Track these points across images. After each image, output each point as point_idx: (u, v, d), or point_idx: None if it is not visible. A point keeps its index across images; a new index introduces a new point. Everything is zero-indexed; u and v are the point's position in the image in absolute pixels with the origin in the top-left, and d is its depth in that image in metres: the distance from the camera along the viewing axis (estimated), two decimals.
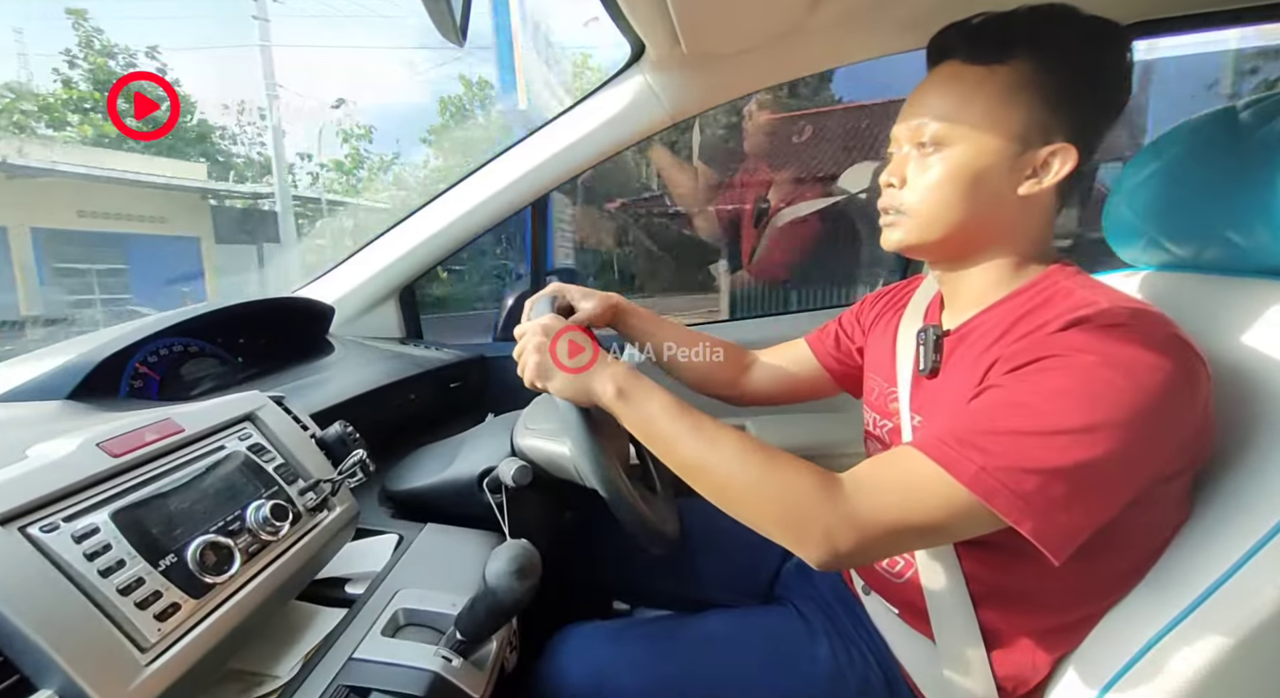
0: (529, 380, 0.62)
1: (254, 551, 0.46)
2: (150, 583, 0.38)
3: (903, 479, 0.48)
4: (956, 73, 0.55)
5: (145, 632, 0.37)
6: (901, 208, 0.58)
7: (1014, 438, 0.45)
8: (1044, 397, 0.45)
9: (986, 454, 0.44)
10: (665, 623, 0.73)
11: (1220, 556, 0.49)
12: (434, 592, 0.59)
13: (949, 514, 0.46)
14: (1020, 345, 0.50)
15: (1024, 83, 0.53)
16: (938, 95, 0.56)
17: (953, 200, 0.55)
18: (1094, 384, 0.44)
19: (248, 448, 0.53)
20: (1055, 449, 0.43)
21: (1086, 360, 0.45)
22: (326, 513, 0.56)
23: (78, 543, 0.37)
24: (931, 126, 0.55)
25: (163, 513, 0.42)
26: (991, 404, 0.48)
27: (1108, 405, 0.43)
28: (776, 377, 0.86)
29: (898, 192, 0.58)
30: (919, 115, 0.56)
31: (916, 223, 0.57)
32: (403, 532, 0.72)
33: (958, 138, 0.54)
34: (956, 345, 0.60)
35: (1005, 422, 0.46)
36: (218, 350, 0.90)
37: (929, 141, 0.55)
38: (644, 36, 0.85)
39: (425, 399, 1.01)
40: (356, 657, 0.50)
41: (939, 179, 0.55)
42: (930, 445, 0.47)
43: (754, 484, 0.50)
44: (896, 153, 0.59)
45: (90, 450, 0.41)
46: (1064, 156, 0.53)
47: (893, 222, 0.59)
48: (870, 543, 0.47)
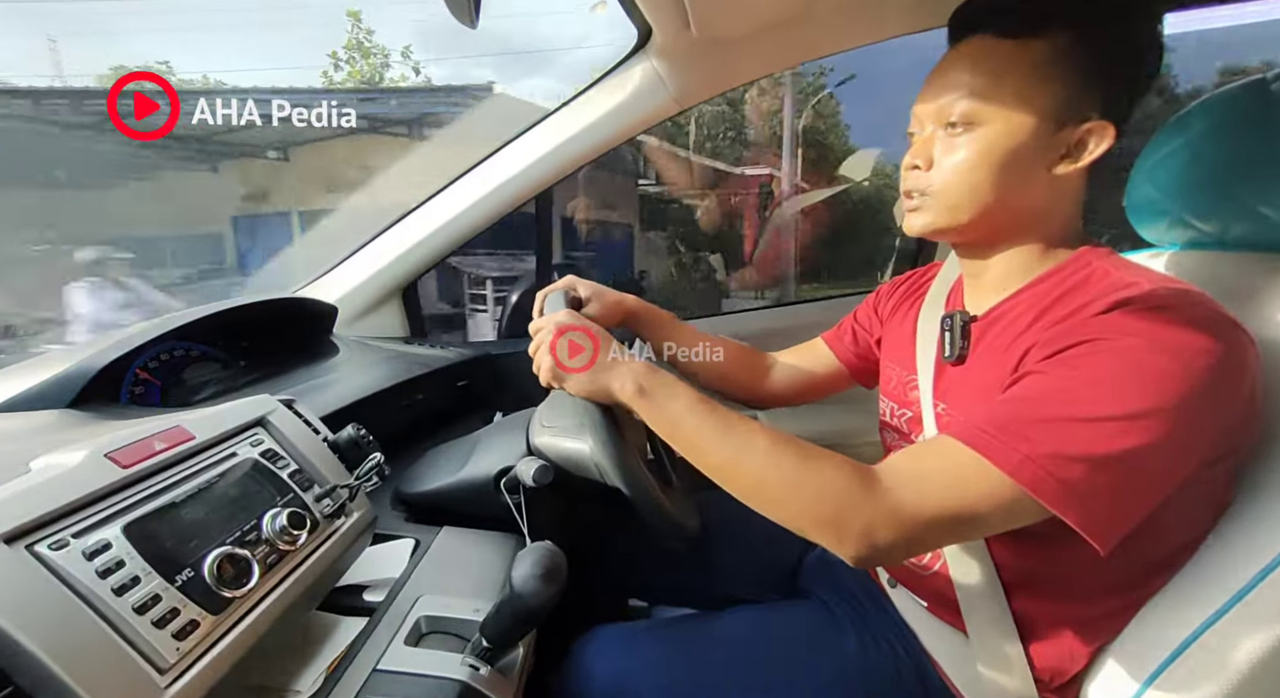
0: (545, 380, 0.60)
1: (272, 561, 0.44)
2: (167, 600, 0.36)
3: (943, 470, 0.46)
4: (988, 48, 0.52)
5: (164, 652, 0.35)
6: (928, 190, 0.56)
7: (1059, 425, 0.43)
8: (1089, 382, 0.44)
9: (1030, 442, 0.43)
10: (689, 623, 0.72)
11: (1265, 543, 0.48)
12: (456, 598, 0.58)
13: (992, 505, 0.44)
14: (1059, 329, 0.48)
15: (1058, 57, 0.50)
16: (967, 72, 0.53)
17: (984, 182, 0.53)
18: (1142, 369, 0.43)
19: (260, 454, 0.51)
20: (1103, 436, 0.42)
21: (1133, 344, 0.43)
22: (344, 519, 0.54)
23: (89, 560, 0.34)
24: (961, 105, 0.53)
25: (177, 525, 0.40)
26: (1032, 391, 0.47)
27: (1157, 391, 0.42)
28: (795, 377, 0.86)
29: (924, 174, 0.56)
30: (946, 93, 0.54)
31: (945, 205, 0.55)
32: (419, 536, 0.70)
33: (990, 116, 0.52)
34: (985, 331, 0.58)
35: (1048, 409, 0.44)
36: (219, 354, 0.87)
37: (958, 121, 0.53)
38: (652, 20, 0.82)
39: (433, 399, 0.99)
40: (381, 668, 0.48)
41: (970, 160, 0.53)
42: (970, 434, 0.46)
43: (789, 483, 0.48)
44: (919, 133, 0.57)
45: (98, 461, 0.39)
46: (1100, 134, 0.52)
47: (918, 205, 0.57)
48: (911, 537, 0.46)
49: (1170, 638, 0.50)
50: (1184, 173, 0.63)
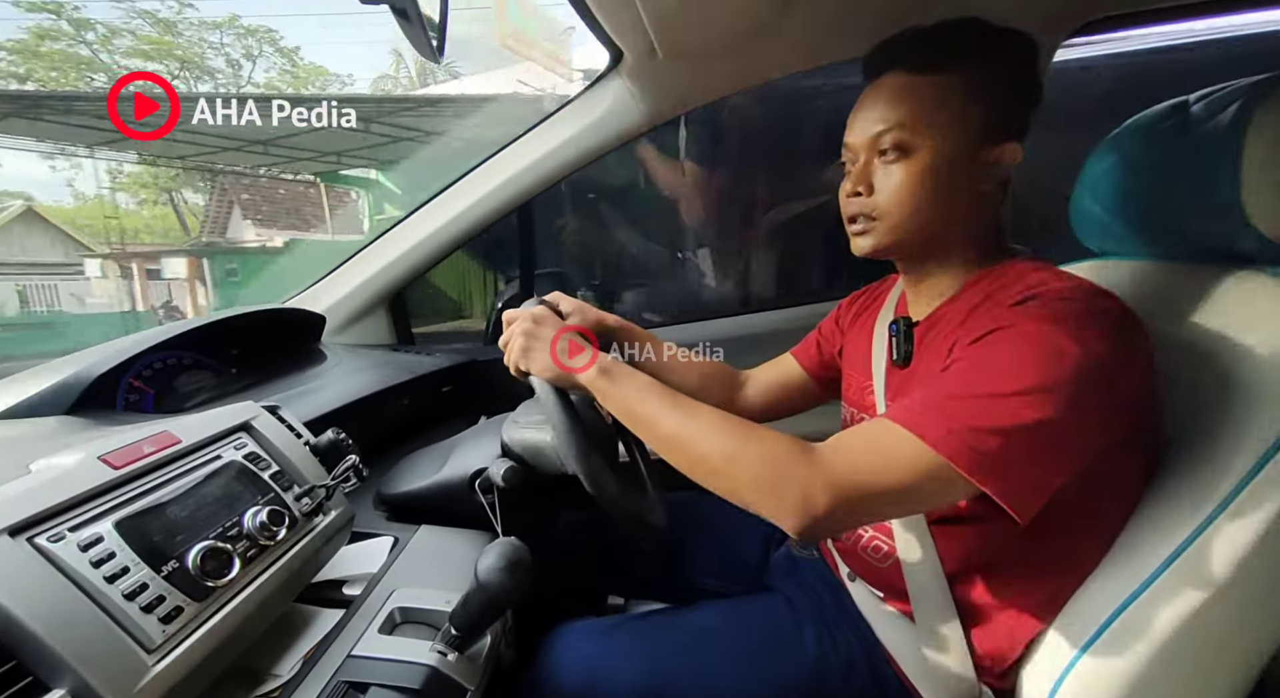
0: (513, 363, 0.65)
1: (252, 555, 0.48)
2: (154, 588, 0.40)
3: (875, 444, 0.50)
4: (906, 83, 0.58)
5: (151, 634, 0.38)
6: (873, 213, 0.60)
7: (975, 401, 0.48)
8: (1001, 362, 0.49)
9: (951, 417, 0.48)
10: (657, 617, 0.75)
11: (1176, 528, 0.52)
12: (429, 590, 0.61)
13: (919, 476, 0.48)
14: (978, 321, 0.54)
15: (971, 87, 0.56)
16: (892, 105, 0.58)
17: (922, 201, 0.58)
18: (1045, 349, 0.48)
19: (244, 457, 0.55)
20: (1013, 409, 0.47)
21: (1039, 328, 0.49)
22: (322, 517, 0.57)
23: (83, 552, 0.38)
24: (891, 135, 0.58)
25: (164, 521, 0.44)
26: (954, 373, 0.52)
27: (1058, 367, 0.47)
28: (768, 393, 0.89)
29: (865, 199, 0.61)
30: (876, 125, 0.59)
31: (889, 226, 0.60)
32: (398, 534, 0.73)
33: (919, 144, 0.57)
34: (925, 334, 0.63)
35: (965, 387, 0.49)
36: (211, 362, 0.91)
37: (890, 149, 0.58)
38: (620, 43, 0.87)
39: (417, 404, 1.03)
40: (355, 654, 0.52)
41: (907, 183, 0.58)
42: (900, 414, 0.51)
43: (732, 452, 0.52)
44: (852, 164, 0.62)
45: (92, 464, 0.43)
46: (1012, 155, 0.58)
47: (864, 228, 0.62)
48: (846, 505, 0.49)
49: (1094, 620, 0.54)
50: (1118, 187, 0.68)
